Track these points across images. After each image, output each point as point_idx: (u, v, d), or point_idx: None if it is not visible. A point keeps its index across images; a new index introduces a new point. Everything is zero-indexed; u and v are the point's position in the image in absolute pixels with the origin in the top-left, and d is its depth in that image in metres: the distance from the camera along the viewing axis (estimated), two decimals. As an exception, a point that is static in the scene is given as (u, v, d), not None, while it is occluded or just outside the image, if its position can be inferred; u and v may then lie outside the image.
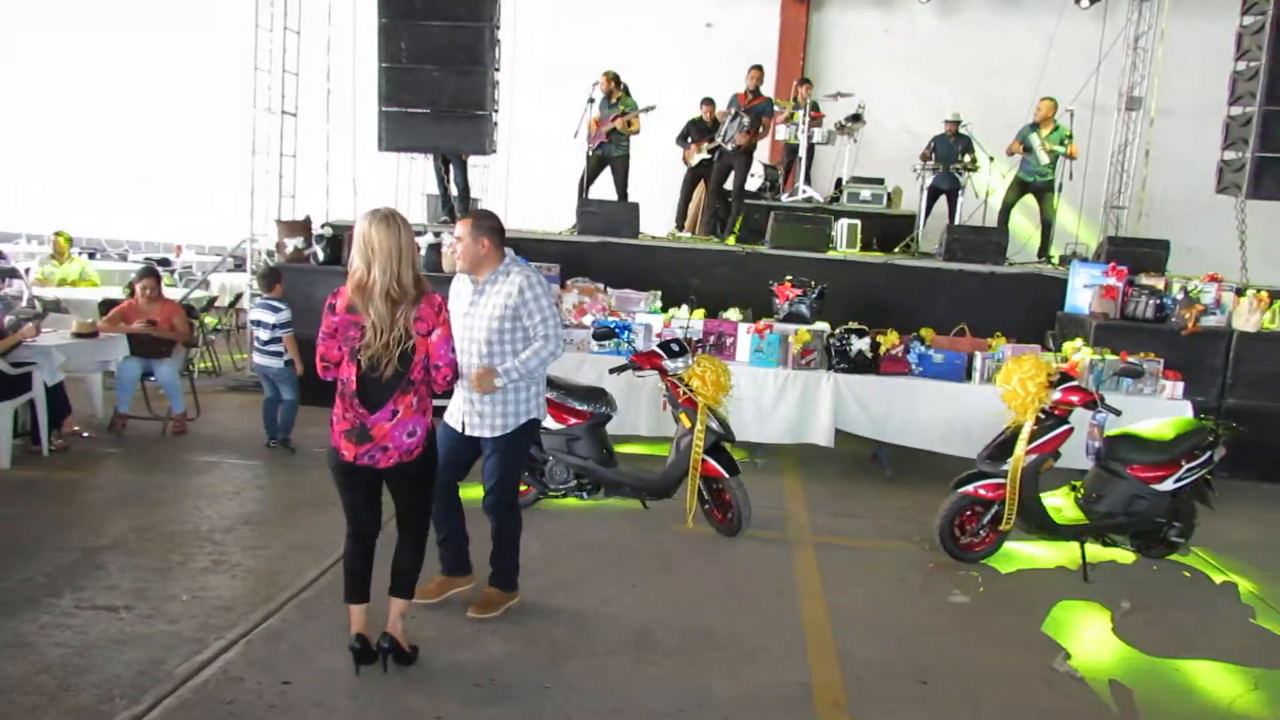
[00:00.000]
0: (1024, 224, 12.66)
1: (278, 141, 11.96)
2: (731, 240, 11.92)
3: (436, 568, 5.25)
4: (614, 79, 12.23)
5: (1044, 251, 11.99)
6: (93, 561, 5.55)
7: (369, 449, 4.14)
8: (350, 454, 4.17)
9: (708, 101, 12.79)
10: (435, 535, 5.09)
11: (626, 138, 12.33)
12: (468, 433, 5.00)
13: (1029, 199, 12.18)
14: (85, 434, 8.33)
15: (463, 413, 4.99)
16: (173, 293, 9.79)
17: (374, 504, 4.40)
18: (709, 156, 12.59)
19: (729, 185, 12.55)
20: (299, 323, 8.42)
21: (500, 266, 4.93)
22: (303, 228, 10.56)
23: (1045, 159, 11.75)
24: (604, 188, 12.70)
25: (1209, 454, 6.47)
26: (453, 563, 5.30)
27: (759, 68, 12.32)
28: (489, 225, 4.94)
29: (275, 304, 8.35)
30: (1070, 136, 11.89)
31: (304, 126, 12.31)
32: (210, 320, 12.08)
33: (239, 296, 13.27)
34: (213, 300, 13.34)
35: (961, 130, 12.67)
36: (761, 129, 12.22)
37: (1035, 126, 11.88)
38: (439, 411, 4.74)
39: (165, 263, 16.02)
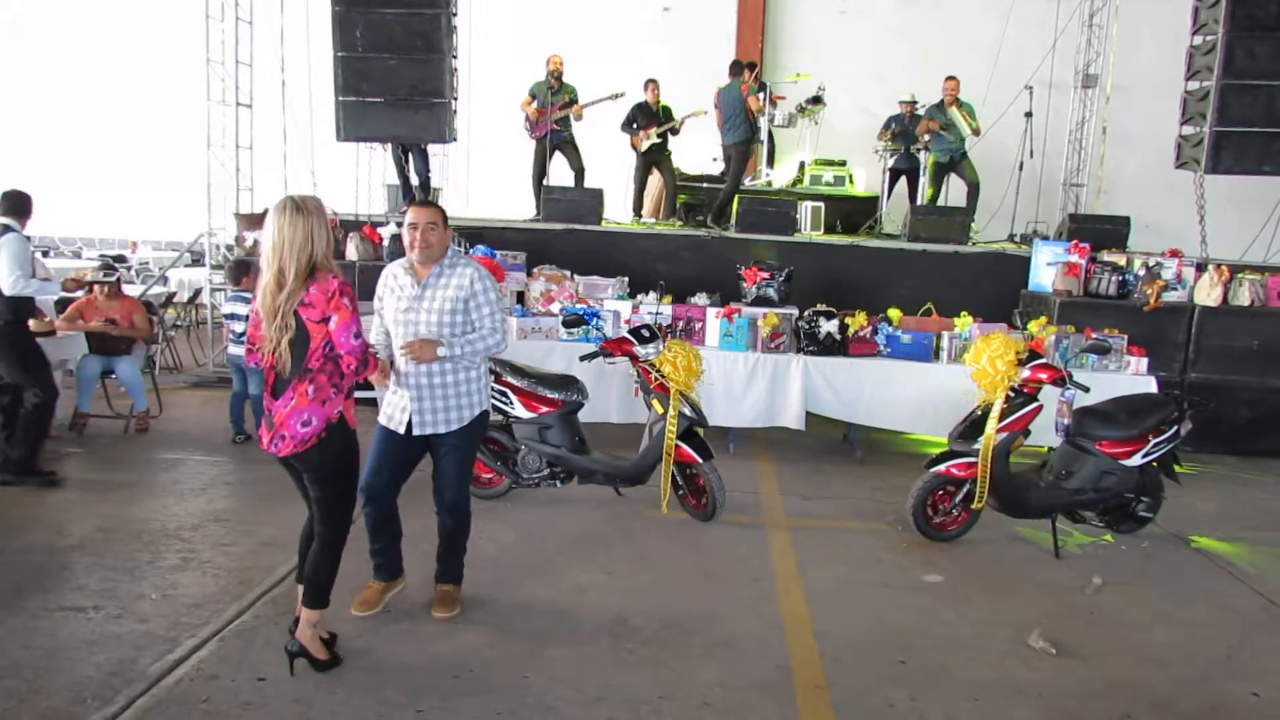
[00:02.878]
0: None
1: (233, 134, 11.80)
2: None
3: (362, 574, 5.11)
4: (561, 60, 12.16)
5: (970, 213, 12.07)
6: (59, 562, 5.46)
7: (272, 436, 4.15)
8: (264, 440, 4.21)
9: (652, 83, 12.68)
10: (372, 544, 4.99)
11: (570, 121, 12.27)
12: (416, 433, 4.77)
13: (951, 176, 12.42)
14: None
15: (408, 413, 4.76)
16: (131, 289, 9.63)
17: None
18: (659, 141, 12.51)
19: None
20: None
21: (447, 259, 4.78)
22: (262, 220, 10.39)
23: (968, 131, 11.90)
24: (559, 174, 12.63)
25: (1175, 429, 6.52)
26: (392, 569, 5.08)
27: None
28: (446, 215, 4.85)
29: (247, 295, 8.29)
30: (974, 111, 12.04)
31: (260, 118, 12.16)
32: (171, 313, 11.90)
33: (198, 292, 13.10)
34: (171, 296, 13.15)
35: (918, 111, 12.73)
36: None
37: (942, 106, 11.99)
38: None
39: (121, 259, 15.78)
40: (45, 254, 15.01)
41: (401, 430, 4.78)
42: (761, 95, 13.15)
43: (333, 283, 4.02)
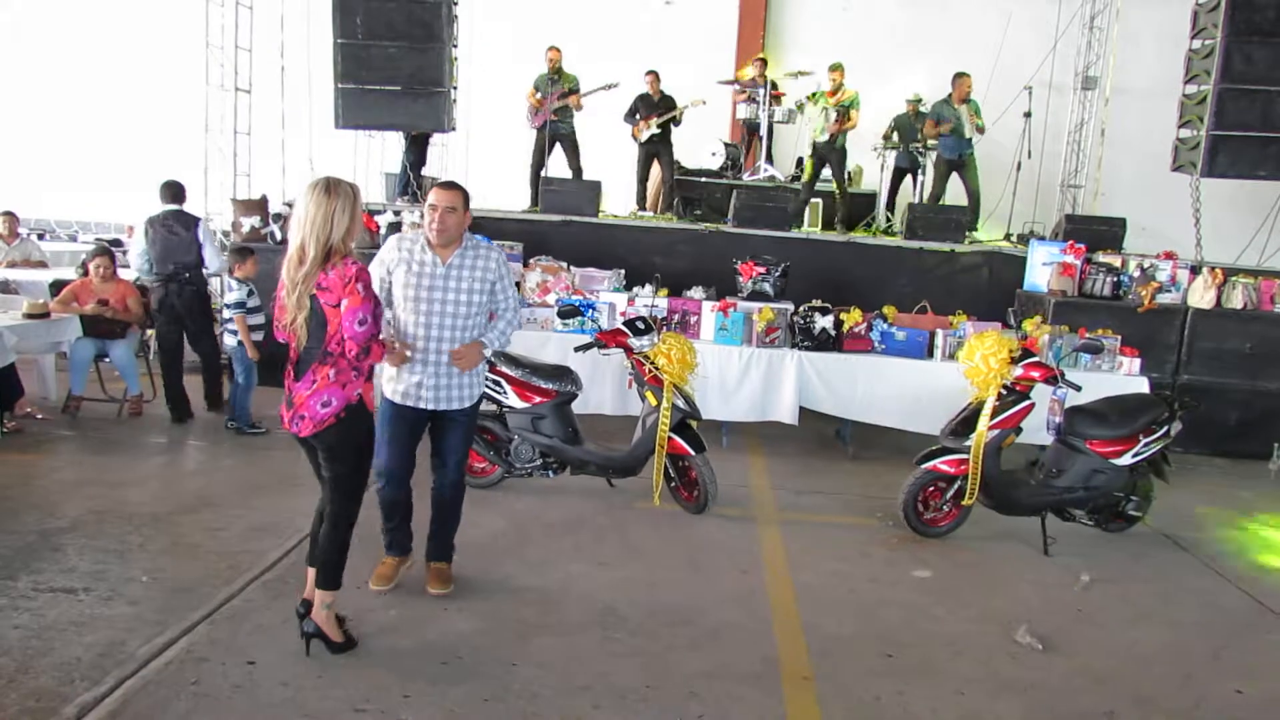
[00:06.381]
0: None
1: (231, 119, 11.77)
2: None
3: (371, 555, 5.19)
4: (559, 52, 12.17)
5: (974, 224, 12.09)
6: (50, 544, 5.46)
7: (292, 416, 4.20)
8: (285, 420, 4.25)
9: (652, 74, 12.69)
10: (387, 522, 5.13)
11: (571, 114, 12.28)
12: (432, 408, 4.88)
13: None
14: (39, 416, 8.18)
15: (425, 389, 4.84)
16: (125, 273, 9.62)
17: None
18: (658, 132, 12.54)
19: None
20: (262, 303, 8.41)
21: (468, 241, 4.88)
22: (259, 206, 10.42)
23: (971, 132, 11.92)
24: (557, 167, 12.64)
25: (1166, 429, 6.54)
26: (405, 545, 5.23)
27: (838, 66, 12.23)
28: (468, 199, 4.88)
29: (232, 283, 8.26)
30: (979, 109, 12.05)
31: (258, 104, 12.13)
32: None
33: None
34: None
35: (921, 110, 12.73)
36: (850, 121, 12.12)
37: (949, 101, 11.99)
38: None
39: (117, 243, 15.71)
40: (41, 237, 14.94)
41: (422, 406, 4.86)
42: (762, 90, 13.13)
43: (350, 268, 4.07)
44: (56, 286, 9.06)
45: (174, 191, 8.74)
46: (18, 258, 11.37)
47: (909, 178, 12.86)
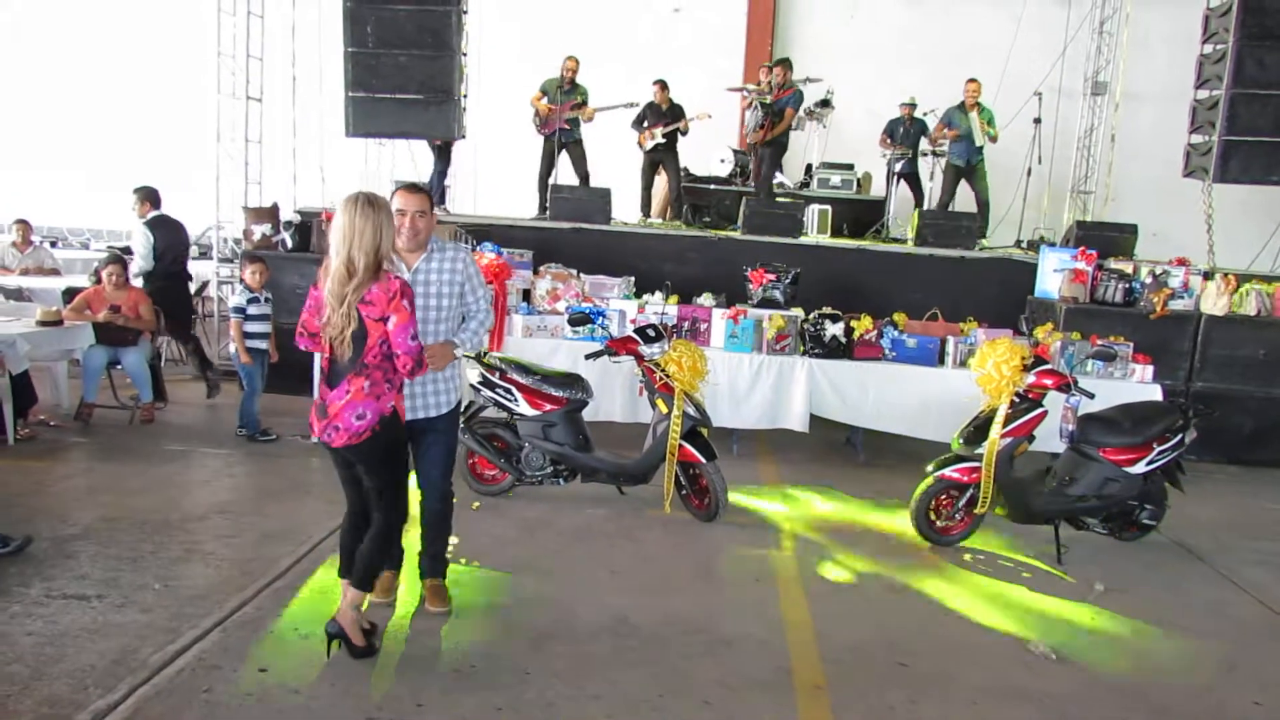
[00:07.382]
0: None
1: (242, 127, 11.81)
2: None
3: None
4: (577, 62, 12.20)
5: (984, 231, 12.06)
6: (62, 551, 5.46)
7: (325, 426, 4.22)
8: (317, 430, 4.27)
9: (659, 83, 12.71)
10: None
11: (579, 123, 12.32)
12: (409, 419, 4.73)
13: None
14: (52, 423, 8.21)
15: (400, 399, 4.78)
16: (138, 280, 9.65)
17: (355, 481, 4.43)
18: (663, 141, 12.56)
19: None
20: (274, 310, 8.54)
21: (433, 245, 4.77)
22: (270, 214, 10.44)
23: (981, 139, 11.90)
24: (565, 175, 12.66)
25: (1180, 436, 6.51)
26: (397, 557, 5.09)
27: (783, 62, 12.55)
28: (433, 202, 4.84)
29: (238, 288, 8.30)
30: (993, 119, 12.03)
31: (269, 112, 12.16)
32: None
33: (205, 284, 13.09)
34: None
35: (917, 115, 12.73)
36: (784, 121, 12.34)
37: (962, 108, 11.98)
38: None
39: (129, 250, 15.78)
40: (53, 245, 15.00)
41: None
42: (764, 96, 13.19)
43: (394, 283, 4.11)
44: (69, 294, 9.10)
45: (158, 196, 9.66)
46: (31, 265, 11.44)
47: (903, 183, 12.83)
